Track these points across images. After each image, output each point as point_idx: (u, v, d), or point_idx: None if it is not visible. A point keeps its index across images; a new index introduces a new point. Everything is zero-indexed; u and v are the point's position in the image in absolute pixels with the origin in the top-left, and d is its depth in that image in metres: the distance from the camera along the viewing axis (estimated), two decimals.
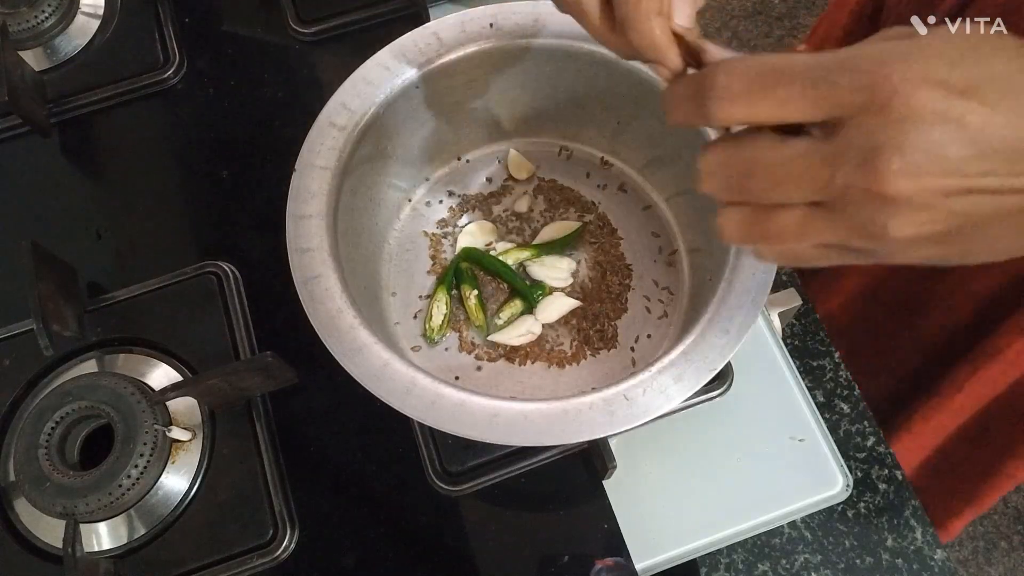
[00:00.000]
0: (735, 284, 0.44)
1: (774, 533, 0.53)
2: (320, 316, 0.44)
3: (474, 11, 0.52)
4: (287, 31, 0.69)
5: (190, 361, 0.56)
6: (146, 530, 0.51)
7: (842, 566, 0.52)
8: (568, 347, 0.55)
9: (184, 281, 0.59)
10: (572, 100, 0.57)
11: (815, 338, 0.59)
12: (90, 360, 0.56)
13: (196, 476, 0.52)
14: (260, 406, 0.54)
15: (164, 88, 0.67)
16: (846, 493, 0.52)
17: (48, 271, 0.54)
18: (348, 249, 0.49)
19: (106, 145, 0.66)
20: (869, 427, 0.56)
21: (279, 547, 0.51)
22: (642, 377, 0.42)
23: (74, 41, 0.69)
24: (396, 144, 0.55)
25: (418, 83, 0.52)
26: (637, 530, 0.51)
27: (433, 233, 0.59)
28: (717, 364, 0.43)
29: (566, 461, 0.53)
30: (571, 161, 0.61)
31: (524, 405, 0.42)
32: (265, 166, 0.64)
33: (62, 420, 0.50)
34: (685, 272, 0.56)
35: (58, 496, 0.48)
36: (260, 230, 0.61)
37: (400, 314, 0.56)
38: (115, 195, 0.64)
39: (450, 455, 0.52)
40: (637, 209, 0.59)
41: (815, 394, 0.56)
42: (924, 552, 0.52)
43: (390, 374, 0.43)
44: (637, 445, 0.54)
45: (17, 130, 0.65)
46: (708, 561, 0.52)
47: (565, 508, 0.52)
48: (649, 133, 0.56)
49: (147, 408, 0.51)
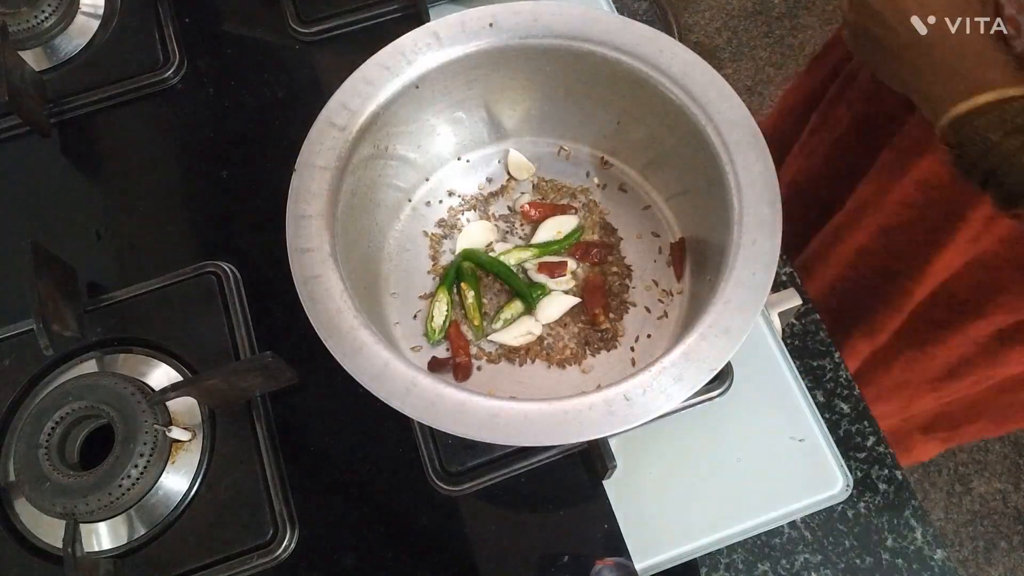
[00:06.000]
0: (735, 284, 0.44)
1: (774, 533, 0.53)
2: (320, 316, 0.44)
3: (474, 11, 0.52)
4: (287, 31, 0.69)
5: (190, 361, 0.56)
6: (146, 530, 0.51)
7: (842, 566, 0.52)
8: (568, 347, 0.55)
9: (184, 281, 0.59)
10: (572, 100, 0.57)
11: (815, 338, 0.59)
12: (90, 360, 0.56)
13: (196, 476, 0.52)
14: (260, 406, 0.54)
15: (164, 88, 0.67)
16: (846, 493, 0.52)
17: (48, 271, 0.54)
18: (348, 249, 0.49)
19: (106, 145, 0.66)
20: (869, 427, 0.56)
21: (279, 547, 0.51)
22: (642, 377, 0.42)
23: (74, 41, 0.69)
24: (396, 144, 0.55)
25: (418, 83, 0.52)
26: (637, 530, 0.51)
27: (433, 233, 0.59)
28: (717, 364, 0.43)
29: (566, 461, 0.53)
30: (571, 161, 0.61)
31: (524, 405, 0.42)
32: (265, 166, 0.64)
33: (62, 420, 0.50)
34: (685, 272, 0.56)
35: (58, 496, 0.48)
36: (260, 230, 0.61)
37: (400, 314, 0.56)
38: (115, 195, 0.64)
39: (450, 455, 0.52)
40: (637, 209, 0.59)
41: (815, 394, 0.56)
42: (924, 552, 0.52)
43: (390, 374, 0.43)
44: (637, 445, 0.54)
45: (17, 130, 0.65)
46: (708, 561, 0.52)
47: (565, 508, 0.52)
48: (649, 133, 0.56)
49: (147, 408, 0.51)
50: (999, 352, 0.69)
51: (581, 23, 0.52)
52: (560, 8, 0.52)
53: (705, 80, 0.50)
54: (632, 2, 0.71)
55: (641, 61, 0.51)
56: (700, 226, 0.54)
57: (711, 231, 0.50)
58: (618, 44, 0.51)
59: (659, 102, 0.51)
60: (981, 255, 0.63)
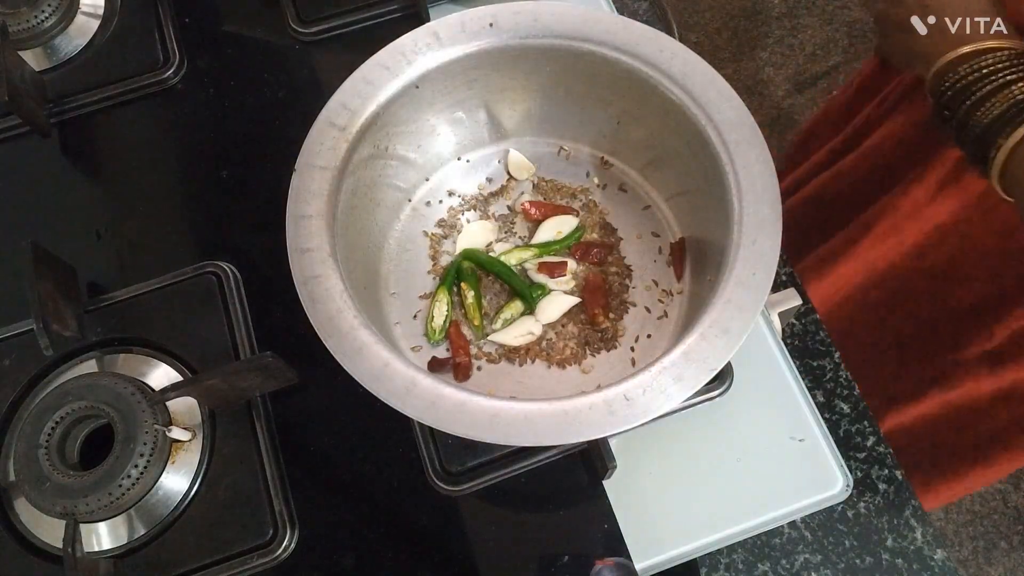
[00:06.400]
0: (735, 284, 0.44)
1: (774, 533, 0.53)
2: (320, 316, 0.44)
3: (474, 11, 0.52)
4: (287, 31, 0.69)
5: (190, 361, 0.56)
6: (146, 530, 0.51)
7: (842, 566, 0.52)
8: (568, 347, 0.55)
9: (184, 281, 0.59)
10: (572, 100, 0.57)
11: (815, 338, 0.59)
12: (90, 360, 0.56)
13: (196, 476, 0.52)
14: (260, 406, 0.54)
15: (164, 88, 0.67)
16: (846, 493, 0.52)
17: (48, 271, 0.54)
18: (348, 249, 0.49)
19: (106, 145, 0.66)
20: (869, 427, 0.56)
21: (279, 547, 0.51)
22: (642, 377, 0.42)
23: (74, 41, 0.69)
24: (396, 144, 0.55)
25: (418, 83, 0.52)
26: (637, 530, 0.51)
27: (433, 233, 0.59)
28: (717, 364, 0.43)
29: (566, 461, 0.53)
30: (571, 161, 0.61)
31: (524, 405, 0.42)
32: (265, 166, 0.64)
33: (62, 420, 0.50)
34: (685, 272, 0.56)
35: (58, 496, 0.48)
36: (260, 230, 0.61)
37: (400, 314, 0.56)
38: (115, 195, 0.64)
39: (450, 455, 0.52)
40: (637, 209, 0.59)
41: (815, 394, 0.56)
42: (924, 552, 0.52)
43: (390, 374, 0.43)
44: (637, 445, 0.54)
45: (17, 130, 0.65)
46: (708, 561, 0.52)
47: (565, 508, 0.52)
48: (649, 133, 0.56)
49: (147, 408, 0.51)
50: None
51: (581, 23, 0.52)
52: (560, 8, 0.52)
53: (705, 80, 0.50)
54: (632, 2, 0.71)
55: (641, 61, 0.51)
56: (700, 226, 0.54)
57: (711, 231, 0.50)
58: (618, 44, 0.51)
59: (659, 102, 0.51)
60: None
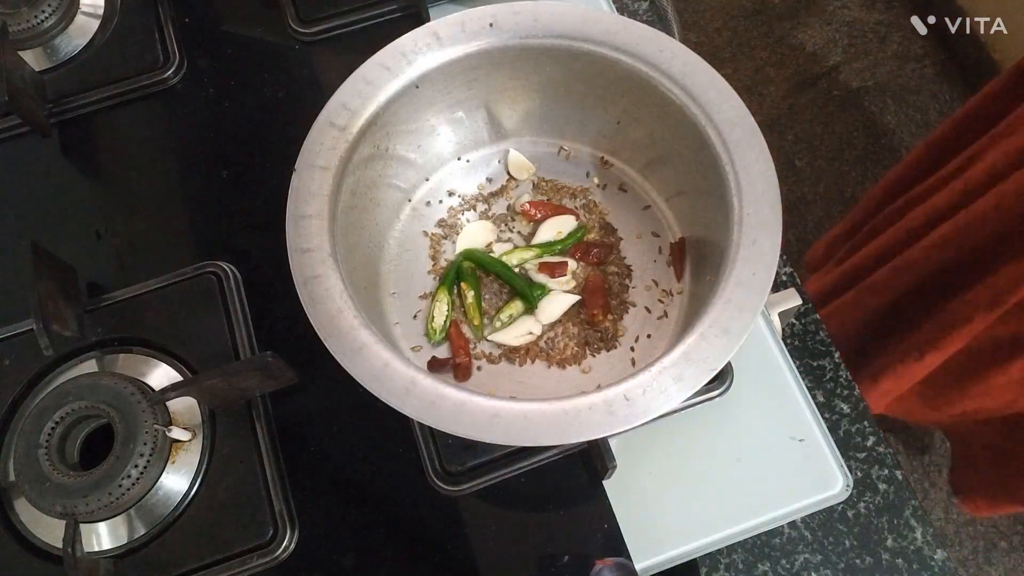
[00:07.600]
0: (735, 284, 0.44)
1: (774, 533, 0.53)
2: (320, 316, 0.44)
3: (474, 11, 0.52)
4: (287, 31, 0.69)
5: (190, 361, 0.56)
6: (146, 530, 0.51)
7: (842, 566, 0.52)
8: (568, 347, 0.55)
9: (184, 281, 0.59)
10: (572, 100, 0.57)
11: (815, 338, 0.59)
12: (90, 360, 0.56)
13: (196, 476, 0.52)
14: (260, 406, 0.54)
15: (164, 88, 0.67)
16: (846, 493, 0.52)
17: (48, 271, 0.54)
18: (348, 249, 0.49)
19: (106, 145, 0.66)
20: (869, 427, 0.56)
21: (279, 547, 0.51)
22: (642, 377, 0.42)
23: (74, 41, 0.69)
24: (396, 144, 0.55)
25: (418, 83, 0.52)
26: (637, 530, 0.51)
27: (433, 233, 0.59)
28: (717, 364, 0.43)
29: (566, 461, 0.53)
30: (571, 161, 0.61)
31: (524, 405, 0.42)
32: (265, 166, 0.64)
33: (62, 420, 0.50)
34: (685, 272, 0.56)
35: (58, 496, 0.48)
36: (260, 230, 0.61)
37: (400, 314, 0.56)
38: (115, 195, 0.64)
39: (450, 455, 0.52)
40: (637, 209, 0.59)
41: (815, 394, 0.56)
42: (924, 552, 0.52)
43: (390, 374, 0.43)
44: (637, 445, 0.54)
45: (17, 130, 0.65)
46: (708, 561, 0.52)
47: (565, 508, 0.52)
48: (649, 133, 0.56)
49: (147, 408, 0.51)
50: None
51: (581, 23, 0.52)
52: (560, 8, 0.52)
53: (705, 80, 0.50)
54: (632, 2, 0.71)
55: (641, 61, 0.51)
56: (700, 226, 0.54)
57: (711, 231, 0.50)
58: (618, 44, 0.51)
59: (659, 102, 0.51)
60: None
